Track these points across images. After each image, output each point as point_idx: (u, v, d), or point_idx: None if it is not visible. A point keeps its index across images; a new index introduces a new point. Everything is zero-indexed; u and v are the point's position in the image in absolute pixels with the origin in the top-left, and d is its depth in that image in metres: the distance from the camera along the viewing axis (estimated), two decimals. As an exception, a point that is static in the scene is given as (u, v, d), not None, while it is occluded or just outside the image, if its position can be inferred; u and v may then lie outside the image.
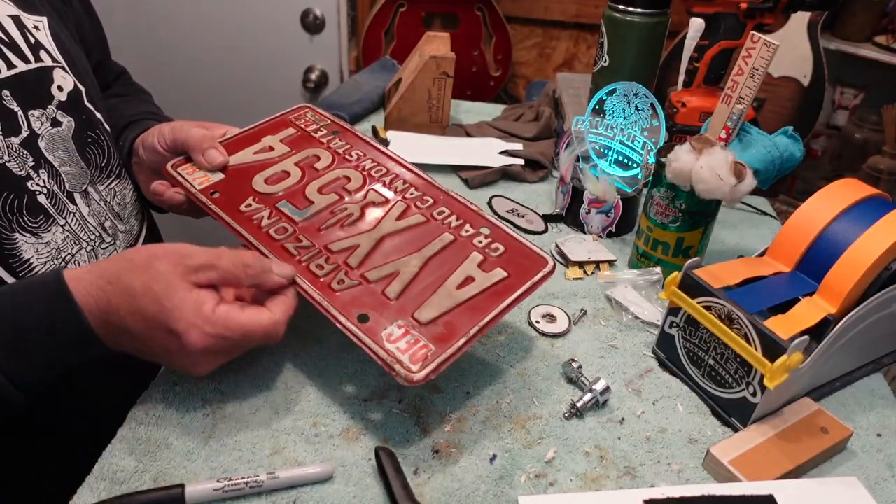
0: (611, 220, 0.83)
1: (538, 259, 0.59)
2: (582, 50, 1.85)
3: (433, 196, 0.65)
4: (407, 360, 0.50)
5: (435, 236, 0.61)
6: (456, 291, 0.56)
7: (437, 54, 0.98)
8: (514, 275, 0.58)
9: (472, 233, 0.61)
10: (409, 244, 0.60)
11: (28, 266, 0.58)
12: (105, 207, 0.66)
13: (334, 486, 0.50)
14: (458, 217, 0.63)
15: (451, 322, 0.53)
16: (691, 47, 0.91)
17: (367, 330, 0.52)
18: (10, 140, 0.57)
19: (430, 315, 0.54)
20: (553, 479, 0.53)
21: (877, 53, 1.62)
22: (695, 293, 0.59)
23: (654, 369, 0.64)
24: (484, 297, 0.56)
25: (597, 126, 0.82)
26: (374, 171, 0.67)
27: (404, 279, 0.56)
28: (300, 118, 0.75)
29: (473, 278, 0.57)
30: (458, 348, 0.51)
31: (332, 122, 0.74)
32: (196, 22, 1.57)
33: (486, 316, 0.54)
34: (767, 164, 0.70)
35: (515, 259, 0.59)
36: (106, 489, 0.49)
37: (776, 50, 0.65)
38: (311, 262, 0.58)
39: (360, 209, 0.63)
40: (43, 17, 0.65)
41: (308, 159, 0.68)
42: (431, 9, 1.69)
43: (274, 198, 0.64)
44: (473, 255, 0.59)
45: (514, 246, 0.60)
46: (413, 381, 0.49)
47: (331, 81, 1.62)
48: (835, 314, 0.57)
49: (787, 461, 0.53)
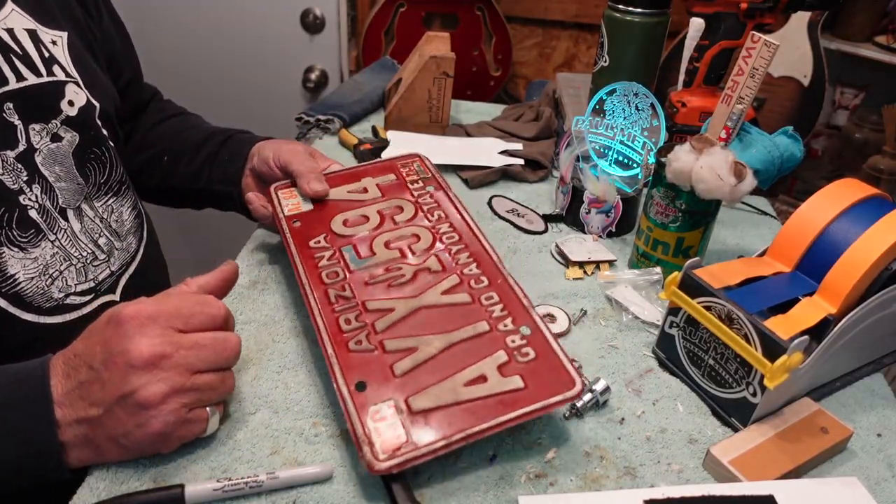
0: (611, 220, 0.83)
1: (566, 378, 0.53)
2: (582, 50, 1.85)
3: (490, 278, 0.61)
4: (378, 446, 0.48)
5: (470, 322, 0.57)
6: (462, 388, 0.52)
7: (437, 54, 0.98)
8: (532, 388, 0.52)
9: (509, 329, 0.57)
10: (442, 322, 0.57)
11: (13, 281, 0.58)
12: (100, 224, 0.66)
13: (334, 486, 0.50)
14: (504, 308, 0.59)
15: (441, 420, 0.50)
16: (691, 47, 0.91)
17: (358, 400, 0.51)
18: (6, 154, 0.57)
19: (424, 405, 0.51)
20: (553, 479, 0.53)
21: (877, 53, 1.62)
22: (695, 293, 0.59)
23: (654, 369, 0.64)
24: (487, 403, 0.51)
25: (597, 126, 0.82)
26: (446, 238, 0.66)
27: (418, 358, 0.54)
28: (406, 166, 0.76)
29: (486, 378, 0.53)
30: (432, 450, 0.48)
31: (433, 177, 0.74)
32: (196, 22, 1.57)
33: (478, 425, 0.50)
34: (767, 164, 0.70)
35: (541, 371, 0.53)
36: (106, 489, 0.49)
37: (776, 50, 0.65)
38: (343, 315, 0.57)
39: (413, 273, 0.62)
40: (63, 33, 0.65)
41: (391, 210, 0.70)
42: (431, 9, 1.69)
43: (343, 240, 0.66)
44: (498, 354, 0.55)
45: (548, 356, 0.54)
46: (374, 468, 0.47)
47: (331, 81, 1.62)
48: (835, 314, 0.57)
49: (788, 461, 0.53)
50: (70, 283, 0.63)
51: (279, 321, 0.66)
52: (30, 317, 0.60)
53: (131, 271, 0.71)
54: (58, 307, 0.62)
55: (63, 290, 0.62)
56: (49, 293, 0.61)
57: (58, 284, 0.62)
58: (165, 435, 0.48)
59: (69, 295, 0.63)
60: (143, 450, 0.49)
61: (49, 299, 0.61)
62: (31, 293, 0.60)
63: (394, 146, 0.98)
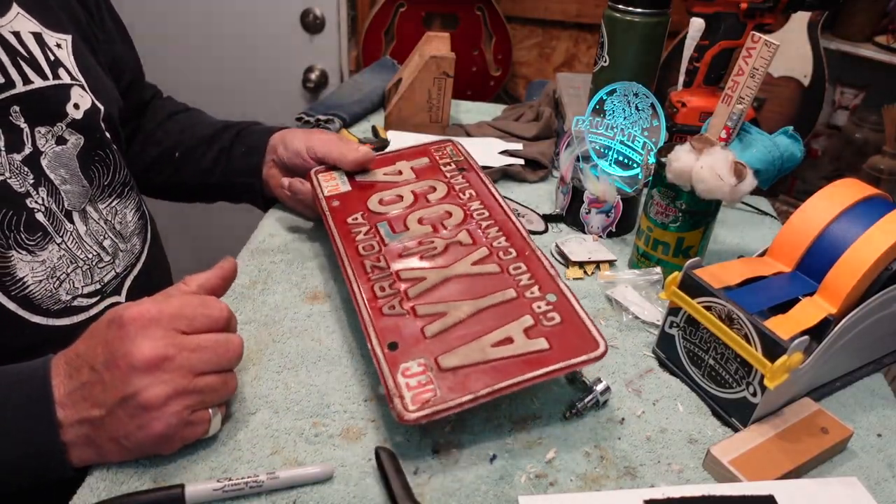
0: (611, 220, 0.83)
1: (591, 340, 0.55)
2: (582, 50, 1.85)
3: (518, 250, 0.64)
4: (409, 398, 0.50)
5: (499, 289, 0.60)
6: (489, 348, 0.54)
7: (437, 54, 0.98)
8: (556, 349, 0.54)
9: (536, 296, 0.59)
10: (471, 290, 0.60)
11: (22, 284, 0.58)
12: (105, 227, 0.67)
13: (334, 486, 0.50)
14: (532, 276, 0.61)
15: (469, 375, 0.52)
16: (691, 47, 0.91)
17: (391, 358, 0.54)
18: (13, 157, 0.57)
19: (453, 363, 0.53)
20: (553, 479, 0.53)
21: (877, 53, 1.62)
22: (695, 293, 0.59)
23: (654, 369, 0.64)
24: (513, 363, 0.53)
25: (597, 126, 0.82)
26: (476, 214, 0.69)
27: (447, 322, 0.57)
28: (439, 150, 0.80)
29: (513, 340, 0.55)
30: (459, 403, 0.50)
31: (465, 159, 0.78)
32: (196, 22, 1.57)
33: (504, 381, 0.52)
34: (767, 164, 0.70)
35: (566, 334, 0.55)
36: (106, 489, 0.49)
37: (776, 50, 0.65)
38: (377, 283, 0.61)
39: (444, 245, 0.65)
40: (67, 36, 0.65)
41: (425, 189, 0.73)
42: (431, 9, 1.69)
43: (378, 217, 0.69)
44: (524, 318, 0.57)
45: (573, 320, 0.57)
46: (404, 418, 0.49)
47: (331, 81, 1.62)
48: (835, 314, 0.57)
49: (788, 461, 0.53)
50: (77, 286, 0.63)
51: (279, 321, 0.66)
52: (38, 319, 0.60)
53: (136, 272, 0.71)
54: (65, 309, 0.62)
55: (70, 292, 0.62)
56: (57, 295, 0.61)
57: (65, 287, 0.62)
58: (167, 437, 0.48)
59: (76, 297, 0.63)
60: (144, 450, 0.49)
61: (57, 301, 0.61)
62: (40, 296, 0.60)
63: (394, 146, 0.98)
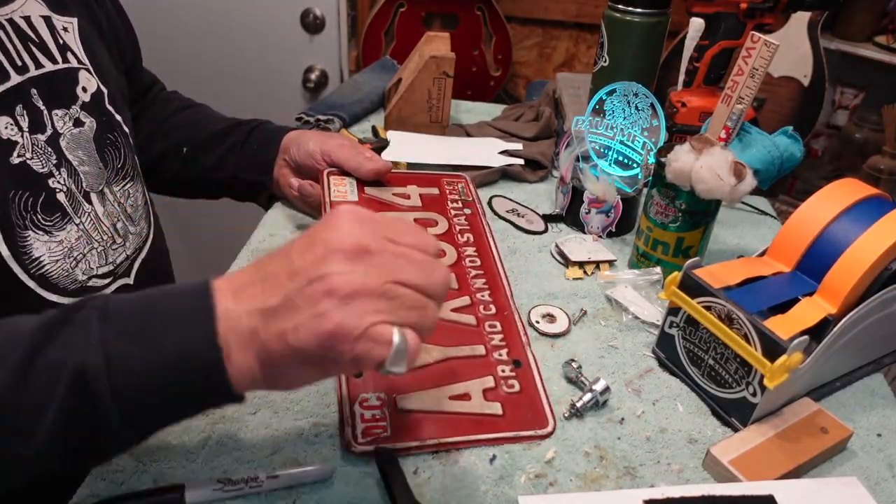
0: (611, 220, 0.83)
1: (542, 418, 0.56)
2: (582, 50, 1.85)
3: (499, 307, 0.65)
4: (359, 430, 0.53)
5: (470, 343, 0.61)
6: (447, 400, 0.56)
7: (437, 54, 0.98)
8: (508, 417, 0.56)
9: (503, 359, 0.60)
10: (445, 337, 0.61)
11: (39, 263, 0.59)
12: (118, 209, 0.67)
13: (334, 487, 0.50)
14: (504, 338, 0.62)
15: (421, 422, 0.54)
16: (691, 47, 0.91)
17: (353, 385, 0.56)
18: (37, 137, 0.58)
19: (408, 406, 0.55)
20: (553, 479, 0.53)
21: (877, 53, 1.62)
22: (695, 293, 0.59)
23: (654, 369, 0.64)
24: (466, 420, 0.55)
25: (597, 126, 0.82)
26: (468, 260, 0.70)
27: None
28: (451, 184, 0.80)
29: (470, 397, 0.56)
30: (406, 447, 0.52)
31: (473, 201, 0.78)
32: (196, 22, 1.57)
33: (452, 437, 0.53)
34: (767, 164, 0.70)
35: (521, 405, 0.57)
36: (106, 489, 0.49)
37: (776, 50, 0.65)
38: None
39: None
40: (73, 19, 0.66)
41: (427, 221, 0.73)
42: (431, 9, 1.69)
43: None
44: (487, 378, 0.58)
45: (531, 393, 0.58)
46: (350, 448, 0.52)
47: (331, 81, 1.61)
48: (835, 314, 0.57)
49: (787, 461, 0.53)
50: (92, 266, 0.64)
51: (279, 321, 0.66)
52: (55, 298, 0.60)
53: (143, 256, 0.72)
54: (81, 289, 0.63)
55: (87, 272, 0.63)
56: (74, 275, 0.62)
57: (81, 267, 0.63)
58: (338, 338, 0.39)
59: (91, 277, 0.64)
60: (310, 353, 0.40)
61: (74, 281, 0.62)
62: (57, 275, 0.60)
63: (394, 146, 0.98)
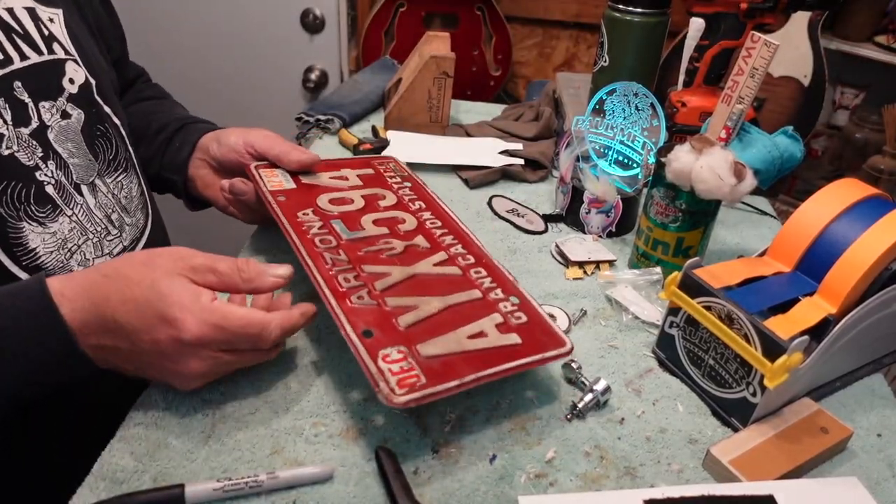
0: (611, 220, 0.83)
1: (557, 338, 0.57)
2: (582, 50, 1.85)
3: (476, 256, 0.66)
4: (394, 382, 0.49)
5: (464, 289, 0.61)
6: (465, 340, 0.55)
7: (437, 54, 0.98)
8: (528, 343, 0.56)
9: (500, 297, 0.61)
10: (438, 288, 0.60)
11: (34, 255, 0.59)
12: (112, 200, 0.67)
13: (334, 486, 0.50)
14: (493, 280, 0.62)
15: (450, 364, 0.52)
16: (691, 47, 0.91)
17: (368, 345, 0.52)
18: (20, 130, 0.58)
19: (432, 352, 0.53)
20: (553, 479, 0.53)
21: (877, 53, 1.62)
22: (695, 293, 0.59)
23: (654, 369, 0.64)
24: (491, 354, 0.54)
25: (597, 126, 0.82)
26: (429, 223, 0.70)
27: (420, 314, 0.56)
28: (382, 164, 0.80)
29: (486, 334, 0.56)
30: (448, 388, 0.50)
31: (409, 175, 0.79)
32: (196, 22, 1.57)
33: (487, 369, 0.52)
34: (767, 164, 0.70)
35: (534, 332, 0.57)
36: (106, 489, 0.49)
37: (776, 50, 0.65)
38: (340, 274, 0.59)
39: (404, 247, 0.65)
40: (58, 10, 0.66)
41: (374, 195, 0.73)
42: (431, 9, 1.69)
43: (330, 215, 0.67)
44: (494, 315, 0.58)
45: (538, 320, 0.58)
46: (393, 402, 0.48)
47: (331, 81, 1.62)
48: (835, 314, 0.57)
49: (787, 461, 0.53)
50: (88, 257, 0.64)
51: (279, 321, 0.66)
52: None
53: (141, 247, 0.72)
54: None
55: (82, 263, 0.63)
56: (69, 266, 0.62)
57: (76, 258, 0.63)
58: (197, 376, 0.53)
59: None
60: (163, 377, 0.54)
61: (69, 272, 0.62)
62: (52, 266, 0.60)
63: (394, 146, 0.98)
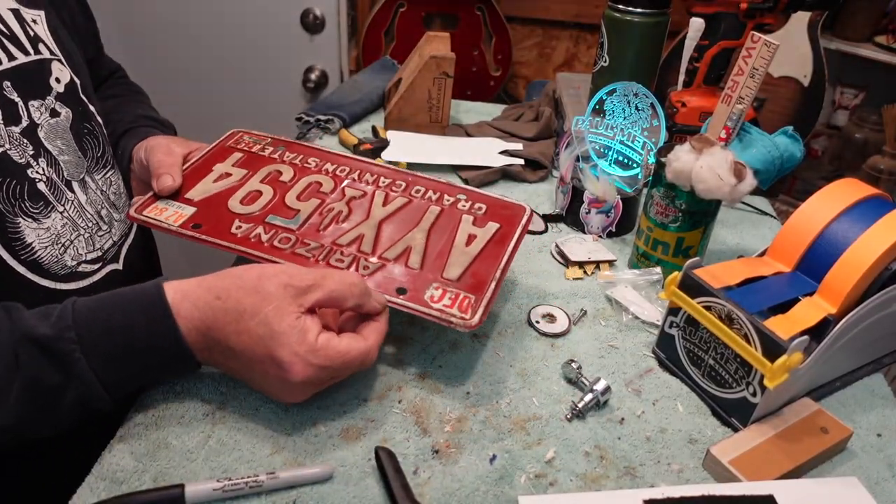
0: (611, 220, 0.83)
1: (516, 208, 0.67)
2: (582, 50, 1.85)
3: (403, 179, 0.70)
4: (458, 312, 0.56)
5: (424, 211, 0.66)
6: (466, 248, 0.62)
7: (437, 54, 0.98)
8: (505, 224, 0.65)
9: (452, 201, 0.68)
10: (406, 223, 0.65)
11: (30, 249, 0.59)
12: (101, 196, 0.68)
13: (334, 486, 0.50)
14: (435, 191, 0.69)
15: (476, 272, 0.60)
16: (691, 47, 0.91)
17: (411, 299, 0.57)
18: (11, 129, 0.58)
19: (457, 272, 0.60)
20: (553, 479, 0.53)
21: (877, 53, 1.62)
22: (695, 293, 0.59)
23: (654, 369, 0.64)
24: (491, 247, 0.63)
25: (597, 126, 0.82)
26: (339, 172, 0.70)
27: (419, 250, 0.62)
28: (239, 142, 0.74)
29: (475, 235, 0.64)
30: (493, 290, 0.58)
31: (273, 139, 0.74)
32: (196, 22, 1.57)
33: (501, 260, 0.61)
34: (767, 164, 0.70)
35: (499, 212, 0.67)
36: (106, 489, 0.49)
37: (776, 50, 0.65)
38: (330, 259, 0.60)
39: (346, 205, 0.66)
40: (41, 12, 0.66)
41: (271, 175, 0.69)
42: (431, 9, 1.69)
43: (259, 215, 0.64)
44: (465, 217, 0.66)
45: (492, 202, 0.68)
46: (472, 325, 0.55)
47: (331, 81, 1.62)
48: (835, 314, 0.57)
49: (787, 461, 0.53)
50: (81, 252, 0.65)
51: (279, 321, 0.66)
52: (47, 283, 0.61)
53: (130, 242, 0.73)
54: (71, 274, 0.63)
55: (75, 258, 0.64)
56: (63, 261, 0.63)
57: (70, 253, 0.63)
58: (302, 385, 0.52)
59: (81, 263, 0.65)
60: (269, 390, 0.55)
61: (63, 267, 0.63)
62: (48, 261, 0.61)
63: (394, 146, 0.98)
